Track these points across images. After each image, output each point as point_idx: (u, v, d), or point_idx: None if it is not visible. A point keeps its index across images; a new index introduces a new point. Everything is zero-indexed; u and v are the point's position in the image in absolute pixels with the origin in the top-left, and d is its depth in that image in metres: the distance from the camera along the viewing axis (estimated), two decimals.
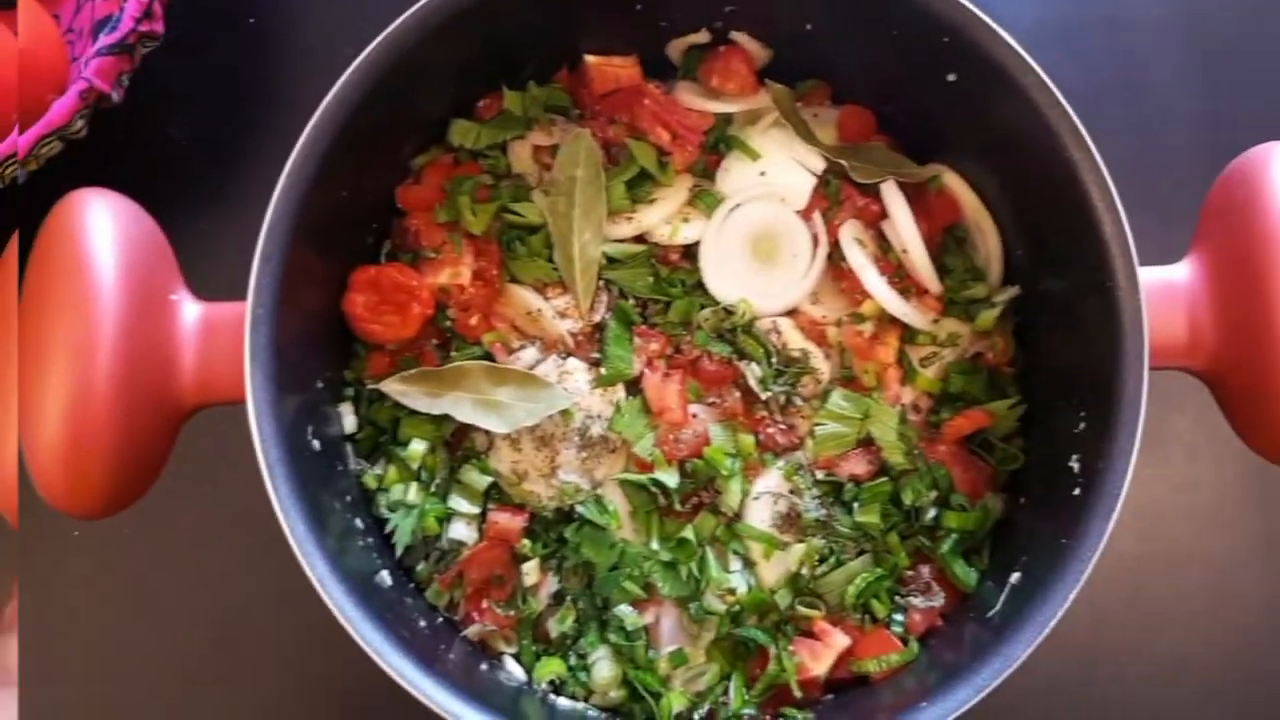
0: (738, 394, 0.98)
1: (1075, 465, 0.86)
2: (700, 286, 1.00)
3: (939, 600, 0.94)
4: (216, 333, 0.85)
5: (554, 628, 0.95)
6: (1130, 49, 1.24)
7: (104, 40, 1.05)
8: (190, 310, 0.86)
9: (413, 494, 0.95)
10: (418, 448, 0.96)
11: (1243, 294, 0.83)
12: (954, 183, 1.01)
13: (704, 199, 1.00)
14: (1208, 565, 1.13)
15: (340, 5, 1.25)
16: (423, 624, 0.91)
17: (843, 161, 0.99)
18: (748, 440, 0.96)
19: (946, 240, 1.02)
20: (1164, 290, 0.86)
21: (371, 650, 0.79)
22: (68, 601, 1.13)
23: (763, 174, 1.01)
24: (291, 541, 0.79)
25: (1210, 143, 1.19)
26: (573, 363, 0.97)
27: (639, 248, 0.99)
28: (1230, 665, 1.11)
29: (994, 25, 0.86)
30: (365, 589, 0.84)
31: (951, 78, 0.92)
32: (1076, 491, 0.84)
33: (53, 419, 0.78)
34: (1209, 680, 1.11)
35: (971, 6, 0.87)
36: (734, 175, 1.01)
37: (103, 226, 0.83)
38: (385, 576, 0.91)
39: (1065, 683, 1.11)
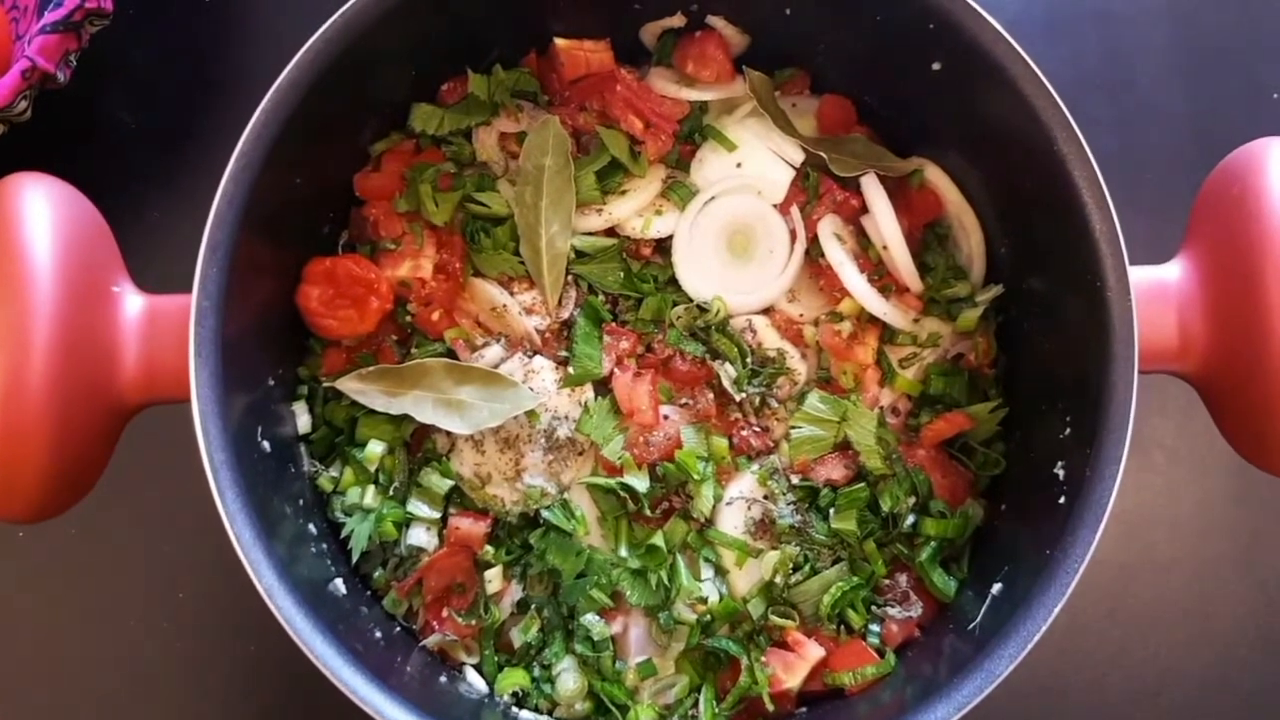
0: (711, 395, 0.94)
1: (1060, 472, 0.83)
2: (673, 282, 0.96)
3: (916, 610, 0.91)
4: (161, 326, 0.81)
5: (517, 637, 0.91)
6: (1116, 43, 1.21)
7: (49, 17, 1.00)
8: (133, 302, 0.82)
9: (370, 498, 0.91)
10: (375, 449, 0.91)
11: (1236, 296, 0.80)
12: (936, 177, 0.98)
13: (677, 191, 0.96)
14: (1189, 573, 1.11)
15: None
16: (378, 635, 0.87)
17: (822, 153, 0.95)
18: (721, 443, 0.92)
19: (927, 237, 0.99)
20: (1154, 291, 0.83)
21: (322, 665, 0.75)
22: (12, 604, 1.09)
23: (739, 165, 0.97)
24: (238, 549, 0.74)
25: (1196, 139, 1.17)
26: (539, 361, 0.93)
27: (609, 241, 0.95)
28: (1212, 675, 1.08)
29: (982, 11, 0.83)
30: (317, 598, 0.80)
31: (936, 66, 0.89)
32: (1062, 500, 0.81)
33: None
34: (1190, 691, 1.09)
35: None
36: (709, 166, 0.97)
37: (38, 213, 0.78)
38: (339, 584, 0.87)
39: (1043, 693, 1.09)
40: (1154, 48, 1.21)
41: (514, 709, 0.90)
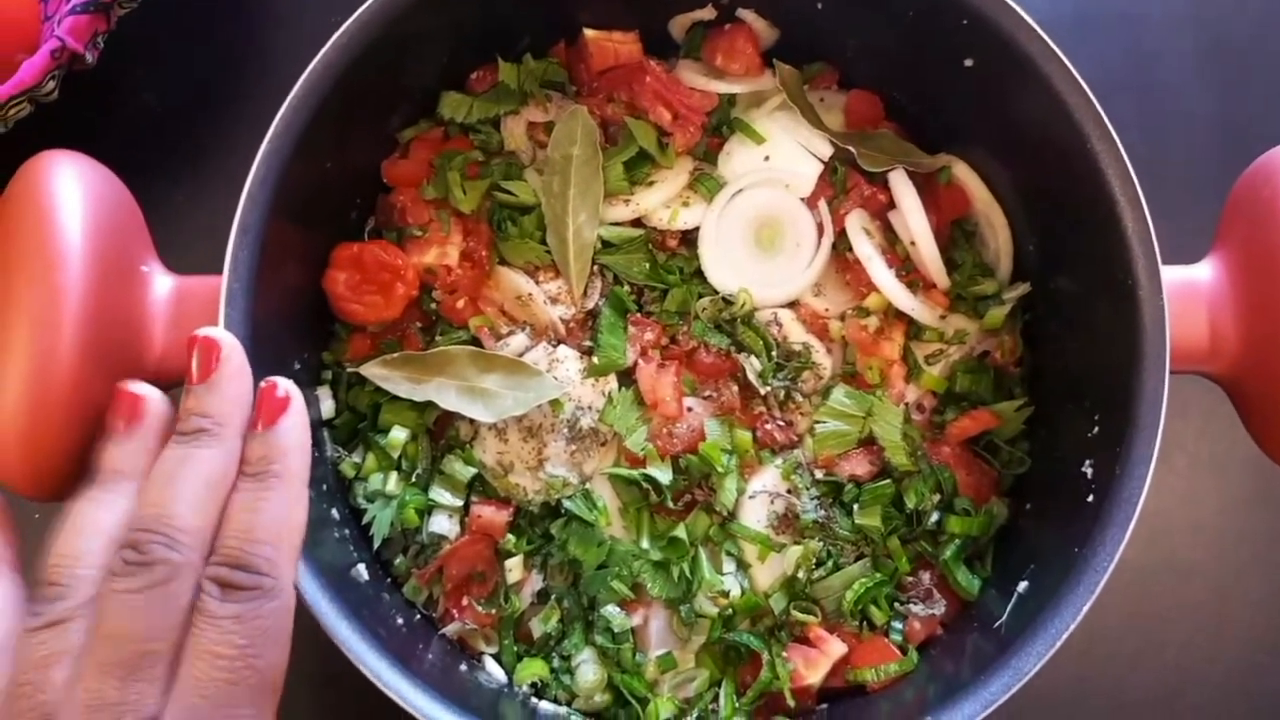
0: (735, 388, 0.94)
1: (1088, 471, 0.82)
2: (699, 274, 0.96)
3: (940, 608, 0.90)
4: (189, 307, 0.81)
5: (537, 628, 0.91)
6: (1143, 44, 1.21)
7: None
8: (162, 283, 0.82)
9: (392, 484, 0.91)
10: (398, 435, 0.91)
11: (1268, 297, 0.80)
12: (964, 174, 0.97)
13: (705, 183, 0.96)
14: (1210, 576, 1.10)
15: None
16: (400, 621, 0.86)
17: (850, 148, 0.95)
18: (745, 436, 0.92)
19: (954, 233, 0.98)
20: (1185, 291, 0.83)
21: (348, 650, 0.74)
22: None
23: (767, 159, 0.96)
24: None
25: (1223, 141, 1.17)
26: (563, 350, 0.92)
27: (636, 232, 0.95)
28: (1233, 679, 1.08)
29: (1018, 9, 0.82)
30: (341, 583, 0.80)
31: (969, 63, 0.88)
32: (1090, 498, 0.80)
33: (11, 394, 0.72)
34: (1210, 694, 1.08)
35: None
36: (737, 159, 0.97)
37: (70, 190, 0.78)
38: (361, 570, 0.87)
39: (1061, 696, 1.08)
40: (1180, 49, 1.21)
41: (533, 699, 0.90)
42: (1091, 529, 0.77)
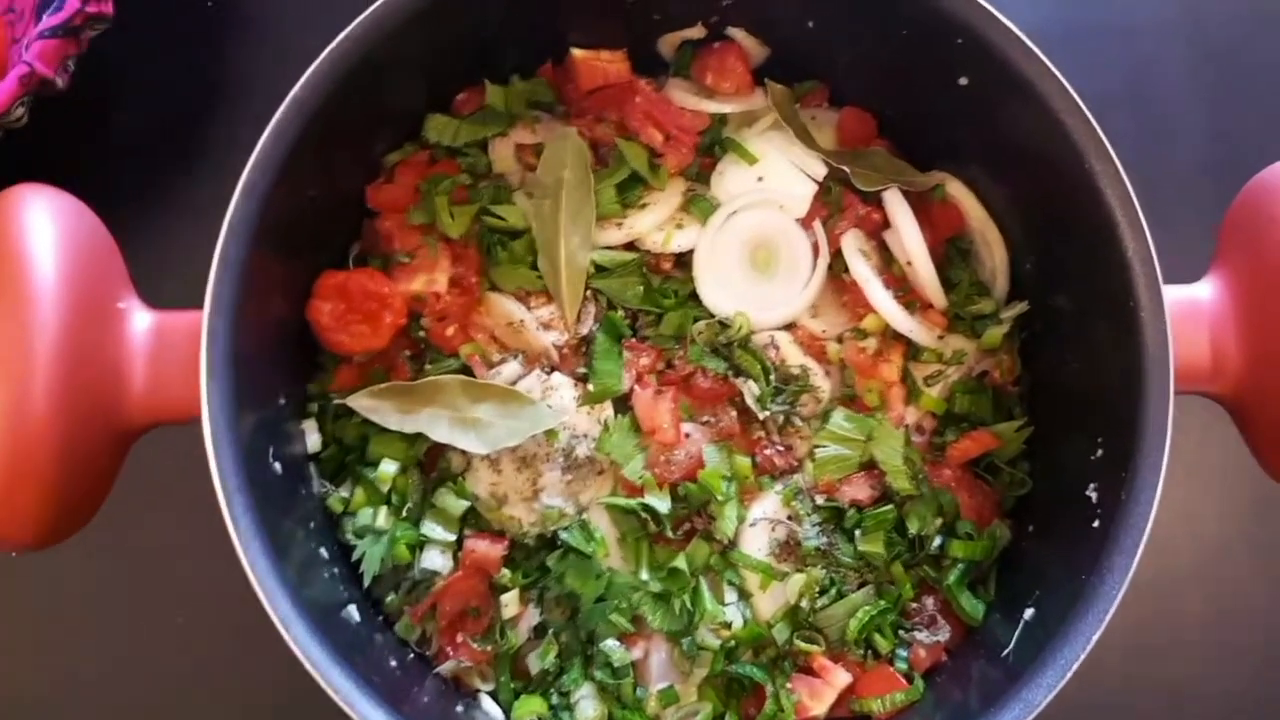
0: (734, 413, 0.92)
1: (1093, 495, 0.81)
2: (694, 297, 0.94)
3: (944, 634, 0.89)
4: (169, 344, 0.78)
5: (534, 663, 0.88)
6: (1136, 58, 1.20)
7: (48, 21, 0.97)
8: (140, 319, 0.79)
9: (382, 519, 0.88)
10: (388, 469, 0.89)
11: (1269, 315, 0.79)
12: (958, 191, 0.96)
13: (698, 205, 0.94)
14: (1210, 590, 1.09)
15: None
16: (393, 663, 0.84)
17: (844, 167, 0.94)
18: (744, 462, 0.90)
19: (949, 252, 0.97)
20: (1186, 311, 0.82)
21: (340, 698, 0.72)
22: (8, 632, 1.05)
23: (760, 179, 0.95)
24: (252, 579, 0.71)
25: (1218, 157, 1.16)
26: (557, 378, 0.90)
27: (629, 255, 0.93)
28: (1232, 699, 1.07)
29: (1012, 27, 0.81)
30: (331, 627, 0.77)
31: (963, 82, 0.87)
32: (1096, 524, 0.79)
33: None
34: (1210, 709, 1.07)
35: (988, 6, 0.82)
36: (730, 180, 0.95)
37: (42, 226, 0.75)
38: (353, 611, 0.84)
39: (1061, 714, 1.07)
40: (1174, 62, 1.20)
41: None
42: (1099, 556, 0.76)
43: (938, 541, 0.90)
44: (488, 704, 0.88)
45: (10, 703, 1.04)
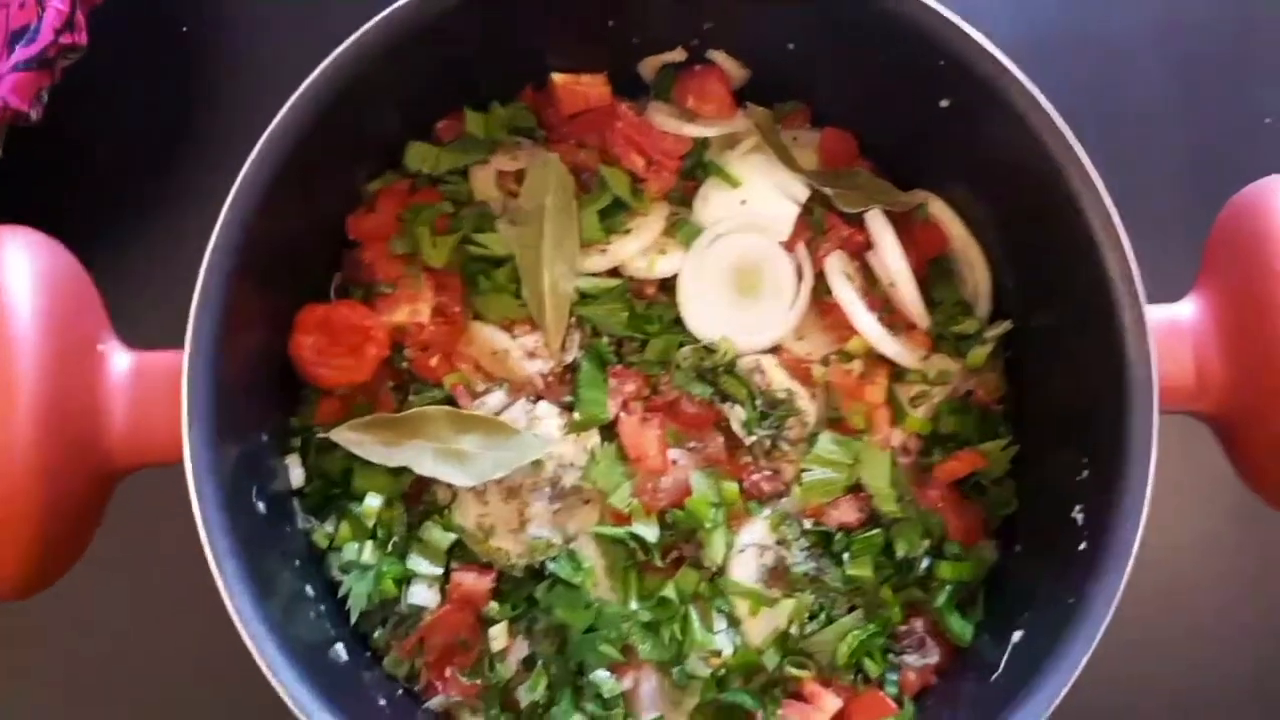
0: (720, 438, 0.92)
1: (1079, 517, 0.81)
2: (678, 323, 0.93)
3: (934, 657, 0.89)
4: (150, 386, 0.77)
5: (524, 696, 0.88)
6: (1112, 71, 1.19)
7: (20, 54, 0.96)
8: (120, 361, 0.78)
9: (368, 554, 0.88)
10: (373, 503, 0.88)
11: (1254, 334, 0.79)
12: (940, 211, 0.96)
13: (682, 229, 0.94)
14: (1194, 611, 1.09)
15: (284, 12, 1.16)
16: (382, 701, 0.83)
17: (827, 189, 0.93)
18: (731, 488, 0.90)
19: (931, 272, 0.97)
20: (1169, 330, 0.82)
21: None
22: None
23: (743, 202, 0.94)
24: (238, 624, 0.71)
25: (1200, 172, 1.15)
26: (543, 407, 0.90)
27: (613, 282, 0.93)
28: (1219, 711, 1.07)
29: (995, 50, 0.81)
30: (319, 668, 0.77)
31: (944, 103, 0.87)
32: (1083, 546, 0.79)
33: None
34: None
35: (970, 30, 0.81)
36: (713, 204, 0.95)
37: (17, 268, 0.74)
38: (340, 650, 0.84)
39: None
40: (1151, 75, 1.19)
41: None
42: (1087, 579, 0.76)
43: (925, 563, 0.90)
44: None
45: None
